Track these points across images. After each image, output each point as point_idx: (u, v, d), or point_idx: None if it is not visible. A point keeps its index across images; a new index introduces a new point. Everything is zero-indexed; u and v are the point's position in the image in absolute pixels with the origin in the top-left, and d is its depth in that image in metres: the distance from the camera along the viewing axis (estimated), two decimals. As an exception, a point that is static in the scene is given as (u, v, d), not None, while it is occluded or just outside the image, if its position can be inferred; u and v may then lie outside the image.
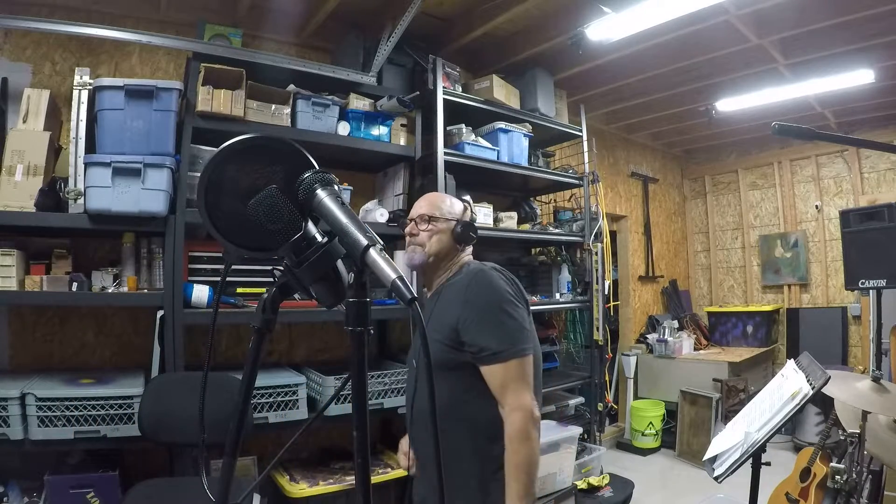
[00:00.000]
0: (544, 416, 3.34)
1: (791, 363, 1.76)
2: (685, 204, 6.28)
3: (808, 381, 1.57)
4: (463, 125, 3.11)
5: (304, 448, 2.73)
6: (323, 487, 2.33)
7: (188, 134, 2.25)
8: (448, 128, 3.02)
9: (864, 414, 1.93)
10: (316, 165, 0.74)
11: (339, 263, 0.73)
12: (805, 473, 2.62)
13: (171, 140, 2.17)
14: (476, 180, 3.37)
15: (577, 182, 3.75)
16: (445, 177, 2.86)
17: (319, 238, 0.73)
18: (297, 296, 0.78)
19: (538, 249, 4.07)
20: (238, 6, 2.78)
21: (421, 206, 1.51)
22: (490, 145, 3.19)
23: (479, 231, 3.05)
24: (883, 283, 2.95)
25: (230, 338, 2.76)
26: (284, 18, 2.91)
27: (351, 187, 2.83)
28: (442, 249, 1.47)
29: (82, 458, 2.13)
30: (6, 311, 2.29)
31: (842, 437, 2.25)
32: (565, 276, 3.77)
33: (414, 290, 0.60)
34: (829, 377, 1.54)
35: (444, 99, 2.92)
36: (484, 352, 1.29)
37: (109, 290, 2.21)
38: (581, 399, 3.72)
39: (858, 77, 3.59)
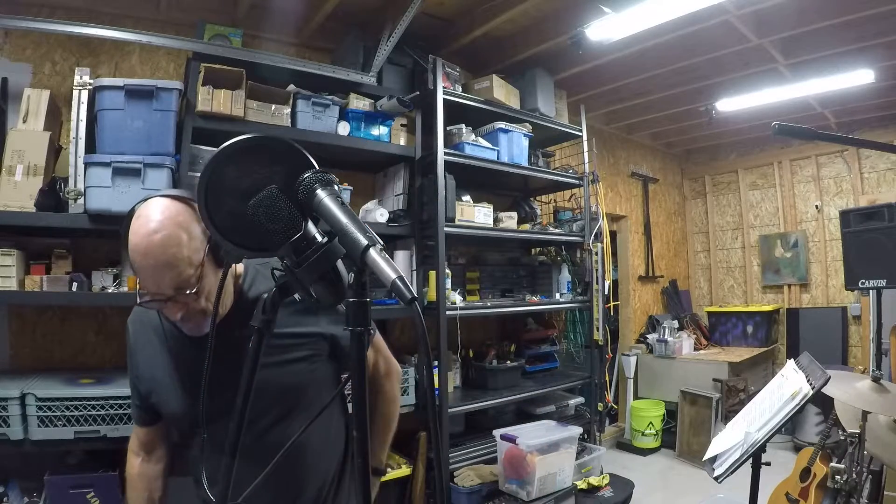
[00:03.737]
0: (545, 416, 3.37)
1: (791, 363, 1.76)
2: (685, 204, 6.28)
3: (808, 381, 1.57)
4: (463, 125, 3.11)
5: (304, 448, 2.73)
6: (323, 487, 2.32)
7: (188, 134, 2.25)
8: (448, 128, 3.01)
9: (864, 414, 1.93)
10: (316, 165, 0.74)
11: (339, 263, 0.73)
12: (805, 473, 2.62)
13: (171, 140, 2.17)
14: (476, 180, 3.37)
15: (577, 182, 3.75)
16: (445, 177, 2.86)
17: (319, 238, 0.73)
18: (297, 296, 0.78)
19: (538, 249, 4.07)
20: (238, 6, 2.78)
21: (161, 278, 0.95)
22: (490, 145, 3.19)
23: (480, 231, 3.12)
24: (883, 283, 2.95)
25: (230, 338, 2.75)
26: (284, 18, 2.91)
27: (351, 187, 2.83)
28: (215, 289, 0.99)
29: (82, 458, 2.13)
30: (6, 311, 2.28)
31: (842, 437, 2.25)
32: (565, 276, 3.78)
33: (414, 289, 0.60)
34: (829, 377, 1.54)
35: (444, 99, 2.92)
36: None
37: (109, 290, 2.21)
38: (581, 399, 3.72)
39: (858, 77, 3.59)
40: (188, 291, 0.96)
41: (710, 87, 4.03)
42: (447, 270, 2.87)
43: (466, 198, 3.14)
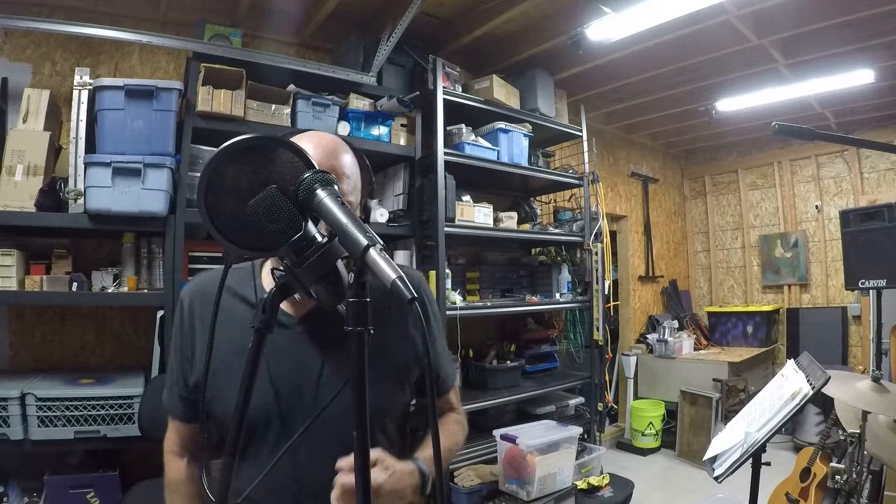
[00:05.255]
0: (545, 416, 3.37)
1: (791, 363, 1.76)
2: (685, 204, 6.28)
3: (808, 381, 1.57)
4: (463, 125, 3.11)
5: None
6: (323, 487, 2.32)
7: (188, 134, 2.25)
8: (448, 128, 3.01)
9: (864, 414, 1.93)
10: (316, 165, 0.74)
11: (339, 263, 0.73)
12: (805, 473, 2.61)
13: (171, 140, 2.17)
14: (476, 180, 3.38)
15: (577, 182, 3.75)
16: (445, 177, 2.86)
17: (319, 238, 0.73)
18: (297, 296, 0.78)
19: (538, 249, 4.07)
20: (238, 6, 2.78)
21: (332, 153, 0.98)
22: (490, 145, 3.19)
23: (480, 231, 3.12)
24: (883, 283, 2.95)
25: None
26: (284, 18, 2.91)
27: (351, 187, 2.83)
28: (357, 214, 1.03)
29: (82, 458, 2.13)
30: (6, 311, 2.29)
31: (842, 437, 2.25)
32: (565, 276, 3.77)
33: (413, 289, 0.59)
34: (829, 377, 1.54)
35: (444, 99, 2.92)
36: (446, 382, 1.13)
37: (109, 290, 2.21)
38: (581, 399, 3.72)
39: (858, 77, 3.59)
40: (347, 176, 0.98)
41: (710, 87, 4.03)
42: (447, 270, 2.87)
43: (466, 198, 3.14)
